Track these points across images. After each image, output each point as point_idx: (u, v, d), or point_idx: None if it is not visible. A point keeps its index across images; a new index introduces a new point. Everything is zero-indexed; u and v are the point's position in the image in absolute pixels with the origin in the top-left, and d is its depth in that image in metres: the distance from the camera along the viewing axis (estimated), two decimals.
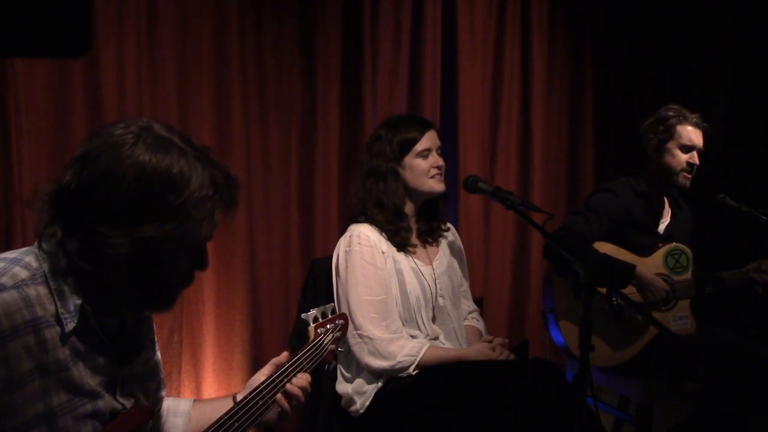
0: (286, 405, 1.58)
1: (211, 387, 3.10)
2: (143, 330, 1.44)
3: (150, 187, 1.21)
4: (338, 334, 1.86)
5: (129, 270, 1.26)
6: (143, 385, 1.43)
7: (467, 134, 3.65)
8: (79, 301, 1.25)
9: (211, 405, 1.61)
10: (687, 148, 2.81)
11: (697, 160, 2.82)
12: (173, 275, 1.30)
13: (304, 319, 1.79)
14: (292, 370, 1.62)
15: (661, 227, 2.91)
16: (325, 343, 1.78)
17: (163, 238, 1.23)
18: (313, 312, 1.81)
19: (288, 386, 1.59)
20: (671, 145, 2.82)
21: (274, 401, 1.57)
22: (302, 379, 1.62)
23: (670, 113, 2.85)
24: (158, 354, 1.52)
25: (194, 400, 1.64)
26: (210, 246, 1.35)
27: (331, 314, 1.87)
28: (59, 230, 1.24)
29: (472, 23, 3.65)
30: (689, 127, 2.82)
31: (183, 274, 1.32)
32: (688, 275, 2.81)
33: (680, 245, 2.84)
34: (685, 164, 2.81)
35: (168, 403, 1.60)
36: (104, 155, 1.22)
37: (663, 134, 2.83)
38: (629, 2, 4.10)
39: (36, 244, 1.28)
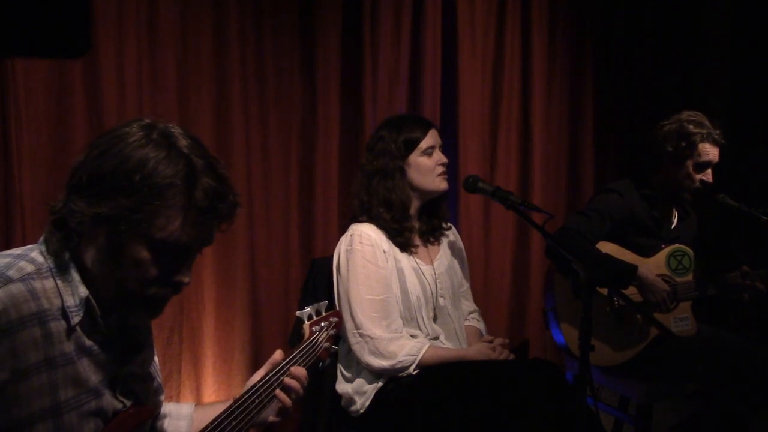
0: (287, 400, 1.59)
1: (211, 387, 3.10)
2: (144, 330, 1.45)
3: (122, 164, 1.22)
4: (332, 331, 1.87)
5: (98, 253, 1.26)
6: (142, 386, 1.43)
7: (467, 134, 3.65)
8: (85, 293, 1.26)
9: (213, 408, 1.61)
10: (703, 166, 2.73)
11: (710, 178, 2.74)
12: (139, 272, 1.26)
13: (299, 317, 1.80)
14: (288, 369, 1.63)
15: (666, 231, 2.89)
16: (319, 341, 1.79)
17: (118, 216, 1.22)
18: (307, 310, 1.82)
19: (286, 380, 1.60)
20: (689, 162, 2.72)
21: (271, 399, 1.57)
22: (297, 370, 1.63)
23: (692, 128, 2.71)
24: (156, 358, 1.53)
25: (195, 405, 1.65)
26: (208, 249, 1.34)
27: (325, 311, 1.88)
28: (61, 203, 1.28)
29: (472, 23, 3.65)
30: (709, 146, 2.71)
31: (153, 274, 1.27)
32: (689, 277, 2.80)
33: (683, 247, 2.82)
34: (698, 182, 2.73)
35: (170, 408, 1.61)
36: (104, 136, 1.28)
37: (685, 150, 2.70)
38: (629, 2, 4.10)
39: (41, 240, 1.30)
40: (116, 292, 1.28)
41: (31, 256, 1.27)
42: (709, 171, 2.75)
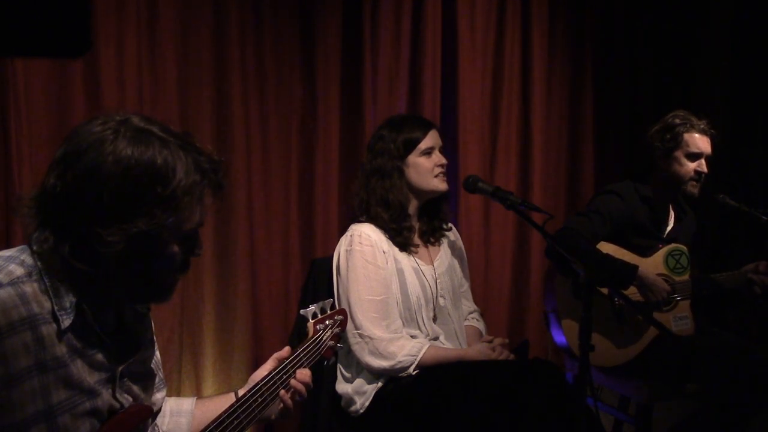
0: (289, 401, 1.60)
1: (211, 387, 3.10)
2: (141, 327, 1.44)
3: (137, 181, 1.21)
4: (337, 330, 1.86)
5: (125, 265, 1.26)
6: (142, 384, 1.42)
7: (467, 134, 3.65)
8: (74, 299, 1.25)
9: (213, 402, 1.61)
10: (694, 156, 2.76)
11: (705, 168, 2.77)
12: (170, 265, 1.30)
13: (303, 316, 1.79)
14: (292, 367, 1.64)
15: (665, 233, 2.90)
16: (324, 339, 1.79)
17: (158, 230, 1.23)
18: (312, 308, 1.80)
19: (292, 382, 1.60)
20: (678, 153, 2.77)
21: (274, 397, 1.57)
22: (303, 374, 1.64)
23: (677, 121, 2.79)
24: (158, 354, 1.52)
25: (196, 399, 1.64)
26: (210, 246, 1.36)
27: (330, 310, 1.87)
28: (50, 235, 1.24)
29: (472, 23, 3.65)
30: (696, 135, 2.77)
31: (179, 262, 1.31)
32: (687, 276, 2.81)
33: (680, 246, 2.83)
34: (693, 173, 2.76)
35: (170, 404, 1.60)
36: (86, 154, 1.23)
37: (670, 143, 2.77)
38: (629, 2, 4.10)
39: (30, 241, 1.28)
40: (142, 291, 1.32)
41: (21, 258, 1.25)
42: (703, 161, 2.78)
